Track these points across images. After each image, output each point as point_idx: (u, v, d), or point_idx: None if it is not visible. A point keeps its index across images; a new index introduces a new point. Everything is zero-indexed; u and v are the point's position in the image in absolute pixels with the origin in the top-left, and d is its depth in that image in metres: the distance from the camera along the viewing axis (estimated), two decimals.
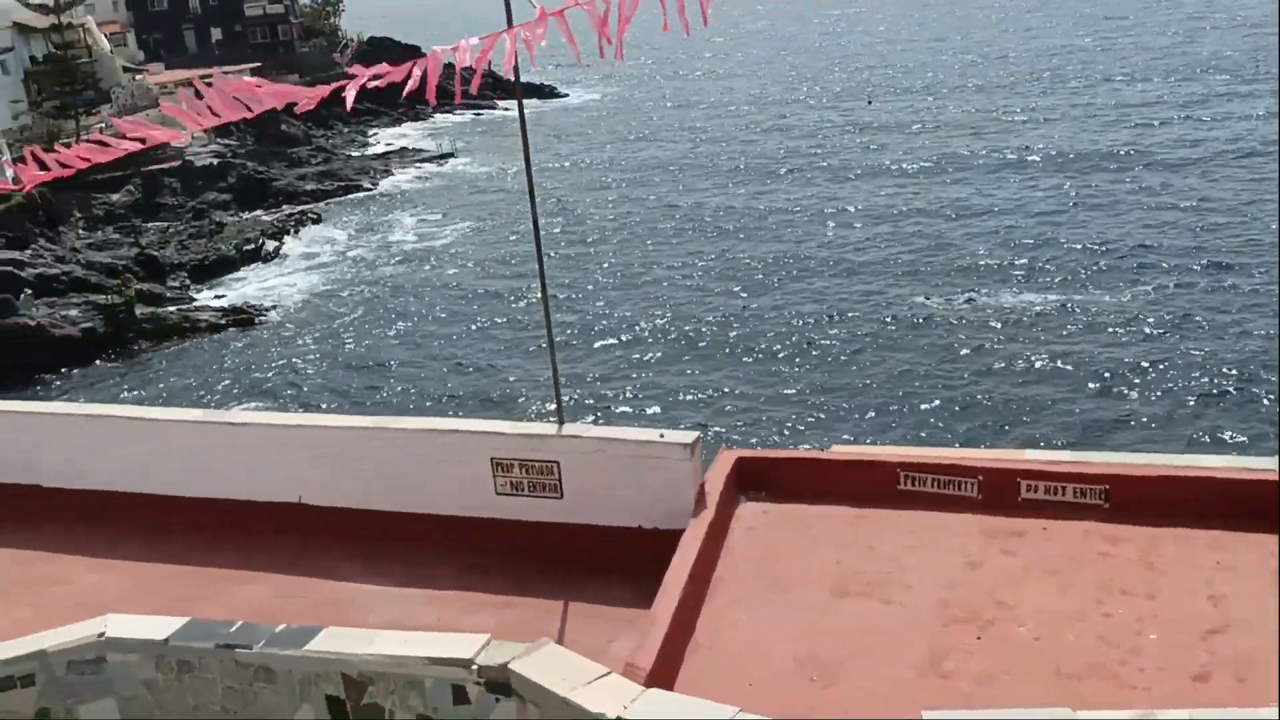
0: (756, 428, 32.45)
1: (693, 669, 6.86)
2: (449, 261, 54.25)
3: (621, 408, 34.44)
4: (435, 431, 9.31)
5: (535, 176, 9.14)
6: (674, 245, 53.19)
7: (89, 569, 9.47)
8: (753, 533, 8.50)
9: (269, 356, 42.89)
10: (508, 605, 8.41)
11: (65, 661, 6.25)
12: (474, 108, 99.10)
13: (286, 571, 9.10)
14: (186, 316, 46.90)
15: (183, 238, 58.80)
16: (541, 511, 8.87)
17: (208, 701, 6.21)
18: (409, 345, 42.92)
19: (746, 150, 75.58)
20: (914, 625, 7.15)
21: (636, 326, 42.23)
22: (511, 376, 38.36)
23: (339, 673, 5.89)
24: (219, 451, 9.89)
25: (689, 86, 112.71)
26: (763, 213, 57.70)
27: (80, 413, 10.92)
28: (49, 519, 10.25)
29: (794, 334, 39.76)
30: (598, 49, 7.23)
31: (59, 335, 43.31)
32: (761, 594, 7.69)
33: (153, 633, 6.29)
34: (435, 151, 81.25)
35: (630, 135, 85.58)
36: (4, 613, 8.60)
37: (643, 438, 8.66)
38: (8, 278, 46.85)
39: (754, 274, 47.22)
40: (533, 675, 5.40)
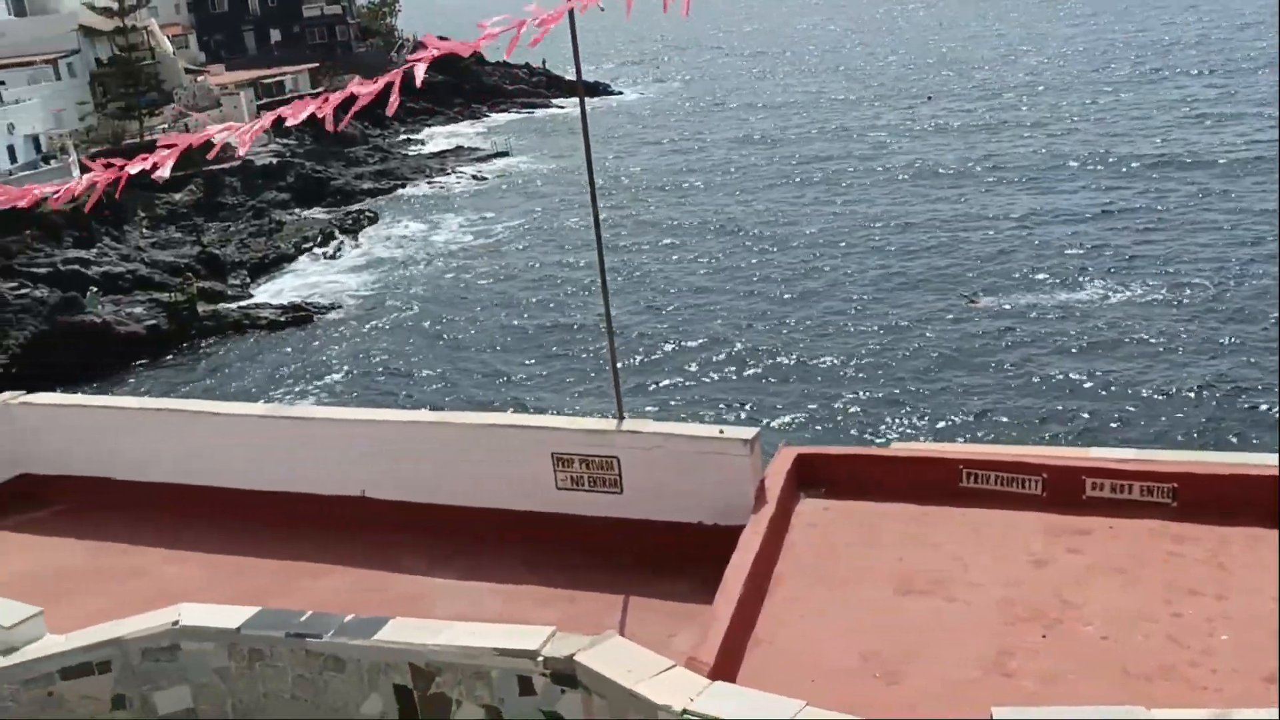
0: (816, 424, 32.33)
1: (754, 665, 6.87)
2: (506, 259, 54.58)
3: (680, 404, 34.47)
4: (496, 427, 9.41)
5: (578, 170, 9.19)
6: (733, 242, 53.10)
7: (165, 560, 9.69)
8: (813, 529, 8.48)
9: (329, 352, 43.45)
10: (570, 599, 8.47)
11: (141, 649, 6.40)
12: (529, 106, 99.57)
13: (355, 564, 9.25)
14: (247, 314, 47.64)
15: (243, 236, 59.73)
16: (602, 506, 8.93)
17: (278, 690, 6.33)
18: (469, 341, 43.26)
19: (803, 148, 75.19)
20: (978, 623, 7.10)
21: (695, 323, 42.22)
22: (571, 372, 38.53)
23: (407, 663, 5.98)
24: (284, 445, 10.07)
25: (746, 84, 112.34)
26: (820, 211, 57.39)
27: (151, 407, 11.17)
28: (124, 511, 10.50)
29: (854, 332, 39.54)
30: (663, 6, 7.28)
31: (124, 332, 44.21)
32: (823, 590, 7.68)
33: (225, 621, 6.43)
34: (490, 150, 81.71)
35: (687, 133, 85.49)
36: (83, 602, 8.82)
37: (702, 433, 8.68)
38: (75, 276, 47.93)
39: (813, 272, 46.99)
40: (598, 667, 5.44)
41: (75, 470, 11.02)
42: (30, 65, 72.61)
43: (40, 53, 74.02)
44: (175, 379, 41.84)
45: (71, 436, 11.05)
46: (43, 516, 10.83)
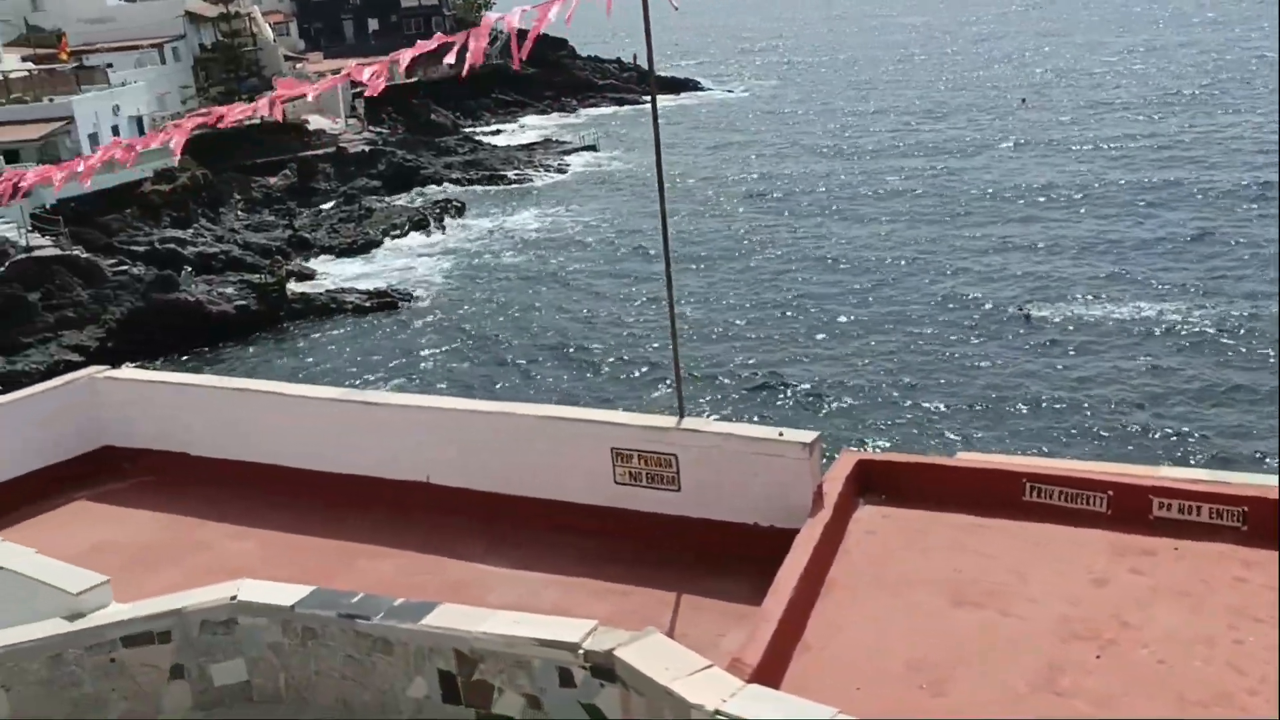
0: (878, 431, 32.00)
1: (800, 668, 6.84)
2: (582, 253, 54.89)
3: (741, 404, 34.36)
4: (559, 419, 9.49)
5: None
6: (806, 244, 52.75)
7: (231, 536, 9.96)
8: (871, 536, 8.41)
9: (408, 339, 44.14)
10: (624, 594, 8.52)
11: (200, 621, 6.59)
12: (618, 100, 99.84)
13: (414, 549, 9.41)
14: (334, 298, 48.58)
15: (333, 221, 60.90)
16: (659, 503, 8.96)
17: (329, 668, 6.47)
18: (538, 333, 43.65)
19: (886, 149, 74.33)
20: (1032, 639, 6.97)
21: (761, 324, 42.07)
22: (634, 368, 38.68)
23: (452, 649, 6.07)
24: (354, 429, 10.27)
25: (841, 86, 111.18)
26: (897, 216, 56.66)
27: (227, 386, 11.48)
28: (198, 486, 10.82)
29: (921, 339, 39.04)
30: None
31: (215, 311, 45.37)
32: (876, 598, 7.61)
33: (281, 599, 6.58)
34: (578, 144, 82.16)
35: (771, 132, 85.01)
36: (154, 574, 9.11)
37: (762, 435, 8.66)
38: (171, 255, 49.33)
39: (884, 279, 46.46)
40: (636, 663, 5.47)
41: (154, 444, 11.37)
42: (137, 49, 74.85)
43: (147, 37, 76.25)
44: (261, 359, 42.85)
45: (152, 412, 11.41)
46: (122, 488, 11.20)
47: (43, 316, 42.66)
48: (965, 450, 14.93)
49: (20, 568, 7.33)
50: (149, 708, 6.58)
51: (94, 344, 41.51)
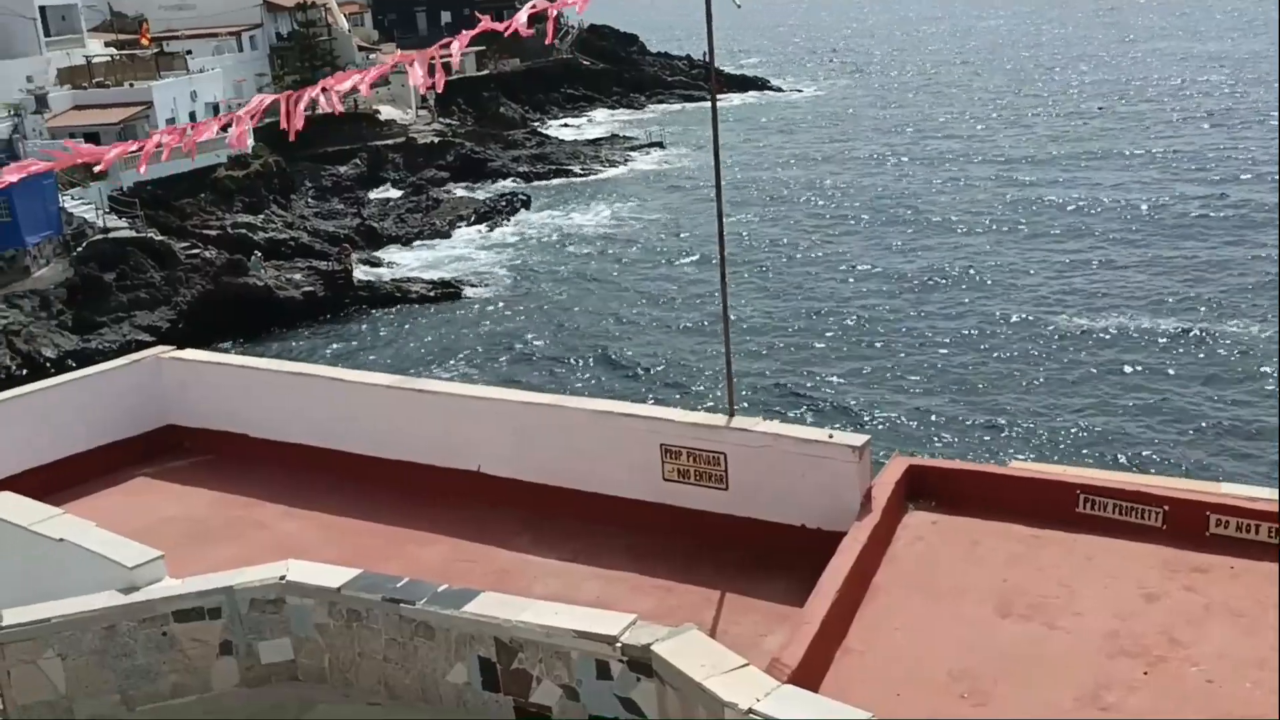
0: (927, 438, 31.65)
1: (840, 672, 6.82)
2: (642, 250, 54.93)
3: (791, 406, 34.17)
4: (609, 414, 9.52)
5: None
6: (864, 248, 52.26)
7: (285, 517, 10.14)
8: (919, 542, 8.34)
9: (467, 329, 44.52)
10: (667, 590, 8.54)
11: (249, 599, 6.73)
12: (687, 98, 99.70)
13: (461, 536, 9.51)
14: (398, 287, 49.10)
15: (401, 211, 61.56)
16: (706, 501, 8.96)
17: (372, 651, 6.57)
18: (594, 328, 43.78)
19: (954, 156, 73.34)
20: (1078, 653, 6.88)
21: (814, 326, 41.79)
22: (685, 367, 38.66)
23: (492, 636, 6.14)
24: (407, 417, 10.40)
25: (906, 84, 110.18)
26: (958, 221, 55.88)
27: (287, 370, 11.69)
28: (255, 467, 11.03)
29: (977, 346, 38.51)
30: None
31: (283, 297, 46.10)
32: (920, 605, 7.55)
33: (328, 580, 6.70)
34: (644, 140, 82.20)
35: (838, 135, 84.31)
36: (209, 550, 9.31)
37: (811, 436, 8.63)
38: (242, 240, 50.18)
39: (942, 284, 45.87)
40: (672, 658, 5.49)
41: (215, 425, 11.62)
42: (216, 37, 76.21)
43: (226, 25, 77.61)
44: (325, 345, 43.47)
45: (214, 392, 11.65)
46: (183, 466, 11.46)
47: (117, 296, 43.62)
48: (1016, 460, 14.72)
49: (79, 540, 7.54)
50: (198, 682, 6.72)
51: (165, 325, 42.37)
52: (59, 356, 38.75)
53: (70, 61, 65.06)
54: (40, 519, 7.93)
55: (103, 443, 11.28)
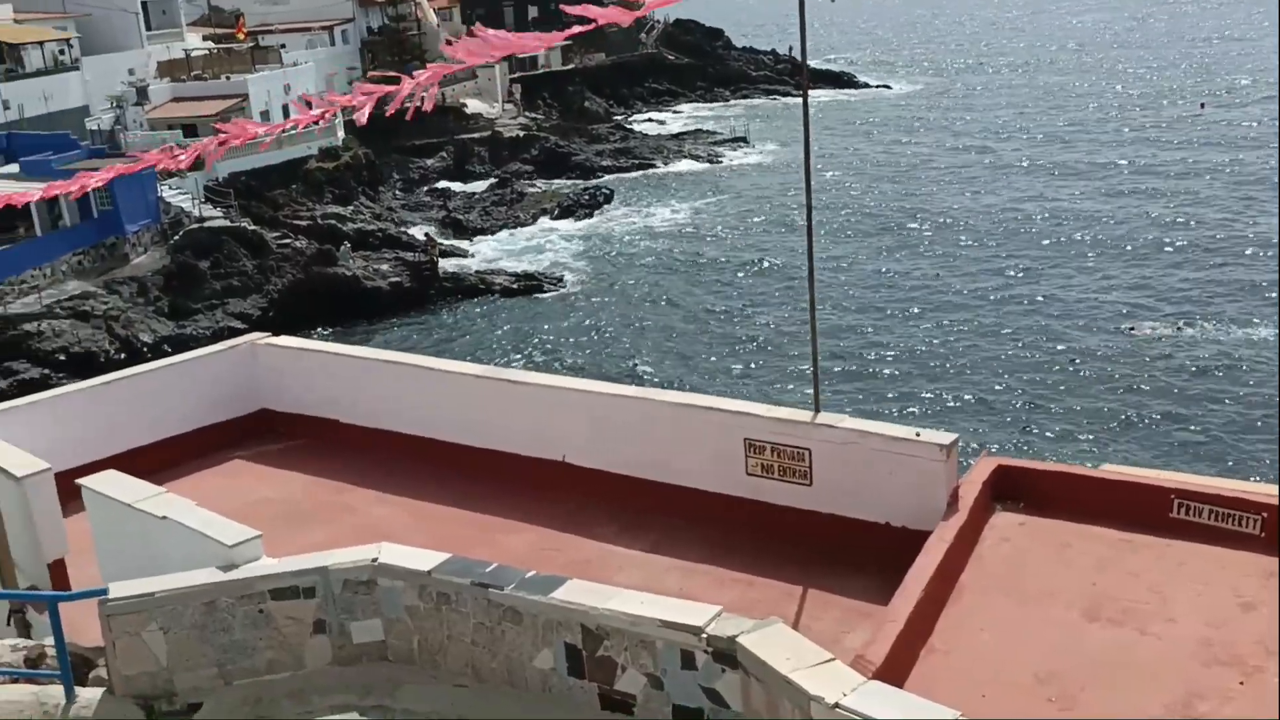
0: (1016, 437, 31.11)
1: (925, 671, 6.78)
2: (725, 244, 54.80)
3: (877, 402, 33.83)
4: (693, 408, 9.56)
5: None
6: (952, 246, 51.50)
7: (375, 501, 10.37)
8: (1006, 543, 8.25)
9: (550, 321, 44.86)
10: (749, 584, 8.56)
11: (342, 580, 6.89)
12: (772, 93, 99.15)
13: (546, 525, 9.64)
14: (482, 278, 49.67)
15: (486, 204, 62.23)
16: (789, 496, 8.95)
17: (460, 634, 6.69)
18: (676, 321, 43.82)
19: (1045, 153, 71.91)
20: (1170, 661, 6.76)
21: (901, 324, 41.33)
22: (769, 362, 38.50)
23: (578, 623, 6.21)
24: (495, 406, 10.55)
25: (999, 81, 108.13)
26: (1050, 222, 54.74)
27: (379, 358, 11.92)
28: (346, 452, 11.29)
29: (1067, 347, 37.73)
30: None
31: (370, 287, 46.95)
32: (1007, 606, 7.47)
33: (419, 564, 6.83)
34: (729, 135, 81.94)
35: (926, 132, 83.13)
36: (302, 532, 9.56)
37: (898, 434, 8.57)
38: (331, 231, 51.15)
39: (1030, 283, 45.03)
40: (758, 651, 5.51)
41: (307, 410, 11.91)
42: (309, 31, 77.75)
43: (319, 19, 79.14)
44: (410, 334, 44.16)
45: (307, 378, 11.94)
46: (276, 449, 11.77)
47: (211, 284, 44.80)
48: (1108, 463, 14.45)
49: (181, 518, 7.79)
50: (292, 659, 6.91)
51: (256, 313, 43.42)
52: (155, 341, 39.93)
53: (170, 55, 66.92)
54: (144, 497, 8.21)
55: (201, 425, 11.63)
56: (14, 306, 39.68)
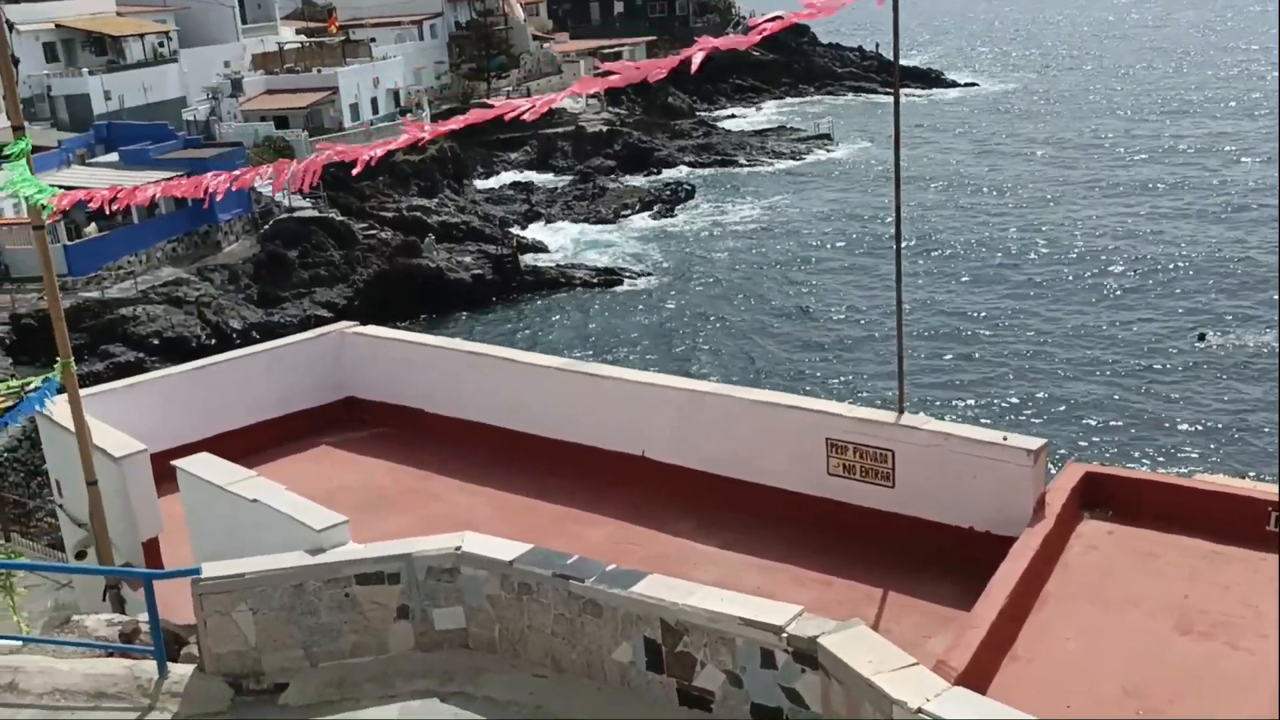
0: (1106, 445, 30.42)
1: (1007, 679, 6.67)
2: (807, 242, 54.42)
3: (962, 405, 33.33)
4: (775, 406, 9.51)
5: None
6: (1043, 251, 50.52)
7: (458, 490, 10.51)
8: (1093, 551, 8.08)
9: (630, 316, 44.99)
10: (827, 584, 8.51)
11: (426, 567, 6.99)
12: (857, 90, 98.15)
13: (625, 519, 9.68)
14: (563, 272, 50.00)
15: (568, 198, 62.59)
16: (871, 498, 8.87)
17: (540, 625, 6.75)
18: (757, 318, 43.65)
19: (1137, 155, 70.15)
20: (1263, 676, 6.56)
21: (989, 326, 40.67)
22: (851, 361, 38.15)
23: (658, 618, 6.22)
24: (576, 398, 10.62)
25: (1095, 82, 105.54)
26: (1142, 226, 53.41)
27: (463, 349, 12.06)
28: (430, 441, 11.45)
29: (1162, 353, 36.78)
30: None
31: (453, 278, 47.52)
32: (1093, 615, 7.32)
33: (501, 553, 6.90)
34: (812, 132, 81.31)
35: (1015, 132, 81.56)
36: (388, 518, 9.73)
37: (985, 437, 8.44)
38: (416, 223, 51.85)
39: (1127, 292, 43.96)
40: (839, 652, 5.47)
41: (393, 398, 12.10)
42: (398, 25, 78.91)
43: (408, 14, 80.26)
44: (491, 326, 44.62)
45: (393, 368, 12.12)
46: (362, 437, 11.97)
47: (299, 273, 45.72)
48: (1202, 474, 14.06)
49: (271, 502, 7.97)
50: (376, 643, 7.03)
51: (342, 302, 44.21)
52: (244, 328, 40.85)
53: (264, 48, 68.43)
54: (236, 480, 8.41)
55: (290, 411, 11.88)
56: (111, 292, 40.88)
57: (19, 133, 8.53)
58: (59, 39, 61.79)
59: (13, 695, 6.85)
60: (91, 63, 61.54)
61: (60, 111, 58.86)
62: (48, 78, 59.37)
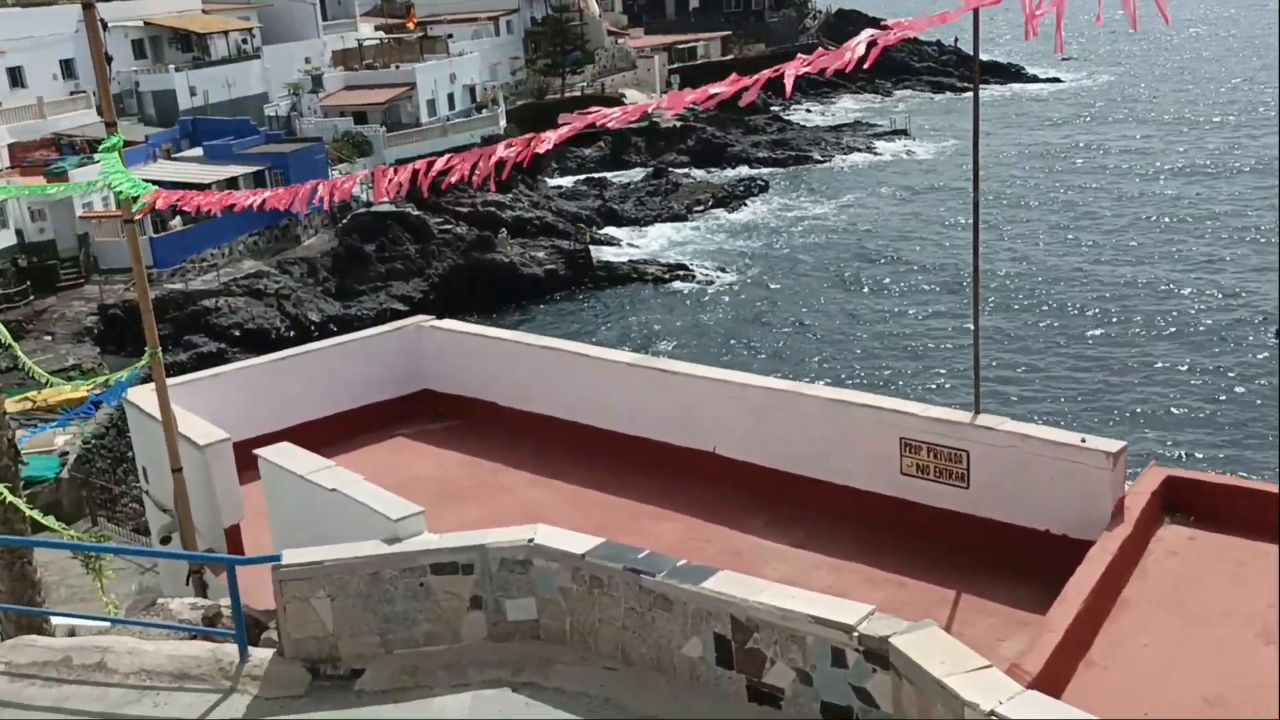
0: (1183, 450, 29.71)
1: (1083, 684, 6.58)
2: (883, 239, 53.87)
3: (1040, 406, 32.77)
4: (848, 404, 9.46)
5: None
6: (1125, 249, 49.47)
7: (530, 484, 10.61)
8: (1173, 557, 7.92)
9: (702, 311, 44.94)
10: (900, 584, 8.44)
11: (499, 559, 7.08)
12: (936, 85, 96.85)
13: (695, 515, 9.70)
14: (635, 268, 50.12)
15: (641, 194, 62.68)
16: (945, 498, 8.78)
17: (611, 618, 6.80)
18: (830, 316, 43.33)
19: (1217, 158, 68.28)
20: None
21: (1068, 327, 39.90)
22: (925, 360, 37.70)
23: (728, 614, 6.23)
24: (648, 394, 10.65)
25: (1185, 81, 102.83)
26: (1217, 229, 51.92)
27: (536, 343, 12.16)
28: (503, 434, 11.58)
29: (1251, 356, 35.81)
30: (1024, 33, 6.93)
31: (526, 273, 47.91)
32: (1173, 623, 7.18)
33: (573, 546, 6.96)
34: (889, 128, 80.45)
35: (1098, 127, 79.92)
36: (462, 509, 9.86)
37: (1063, 439, 8.30)
38: (490, 217, 52.35)
39: (1209, 293, 42.83)
40: (911, 653, 5.43)
41: (468, 391, 12.25)
42: (475, 21, 79.63)
43: (485, 10, 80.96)
44: (564, 321, 44.87)
45: (468, 361, 12.27)
46: (436, 429, 12.15)
47: (375, 267, 46.43)
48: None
49: (349, 491, 8.13)
50: (449, 632, 7.13)
51: (418, 295, 44.81)
52: (322, 320, 41.61)
53: (343, 44, 69.50)
54: (315, 469, 8.59)
55: (367, 402, 12.09)
56: (195, 283, 41.90)
57: (112, 128, 8.80)
58: (146, 36, 63.39)
59: (101, 674, 7.07)
60: (178, 59, 63.06)
61: (147, 107, 60.40)
62: (136, 74, 60.96)
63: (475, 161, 7.61)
